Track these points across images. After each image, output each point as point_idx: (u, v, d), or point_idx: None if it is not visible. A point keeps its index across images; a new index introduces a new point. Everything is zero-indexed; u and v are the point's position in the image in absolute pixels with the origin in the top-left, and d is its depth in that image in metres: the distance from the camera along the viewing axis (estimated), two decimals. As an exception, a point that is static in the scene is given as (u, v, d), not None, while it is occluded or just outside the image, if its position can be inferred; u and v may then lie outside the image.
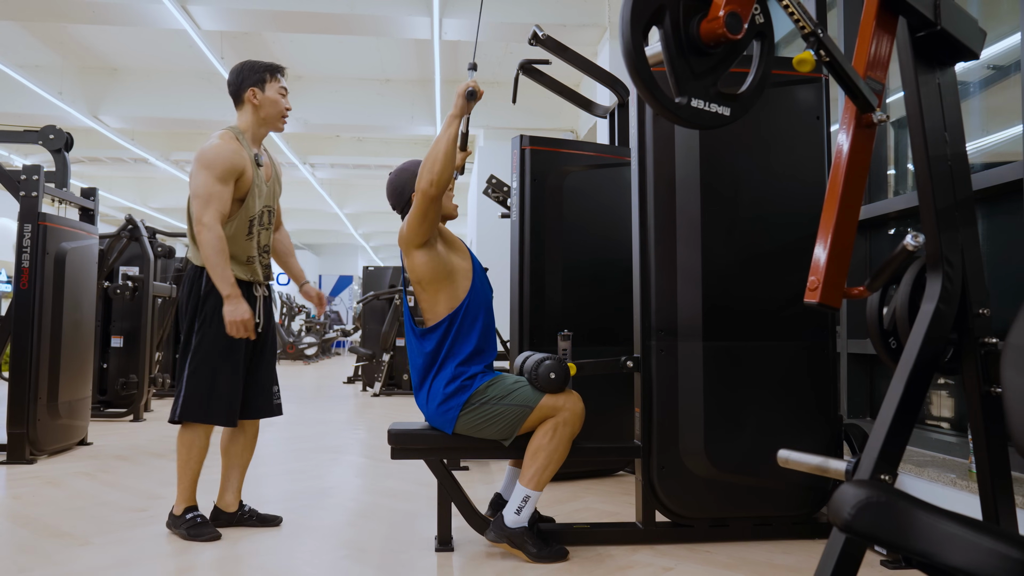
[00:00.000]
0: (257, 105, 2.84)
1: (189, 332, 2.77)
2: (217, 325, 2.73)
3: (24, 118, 9.56)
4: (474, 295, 2.64)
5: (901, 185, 3.46)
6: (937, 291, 1.58)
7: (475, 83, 2.54)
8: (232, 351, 2.77)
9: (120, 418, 6.14)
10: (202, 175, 2.68)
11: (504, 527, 2.52)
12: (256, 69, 2.85)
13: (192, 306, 2.77)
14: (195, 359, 2.74)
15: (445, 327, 2.60)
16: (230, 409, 2.79)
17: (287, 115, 2.92)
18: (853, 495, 1.01)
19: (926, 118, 1.64)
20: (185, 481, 2.79)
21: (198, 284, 2.77)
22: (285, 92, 2.90)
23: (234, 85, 2.86)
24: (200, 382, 2.73)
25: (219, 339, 2.74)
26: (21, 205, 4.27)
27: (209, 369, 2.74)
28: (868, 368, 3.46)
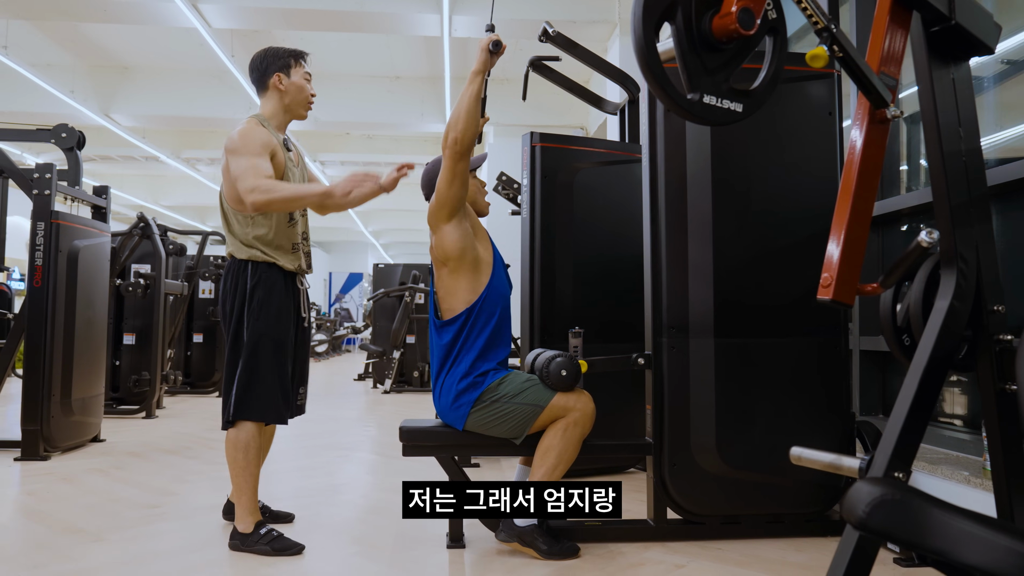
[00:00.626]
0: (283, 91, 2.76)
1: (237, 328, 2.64)
2: (266, 319, 2.63)
3: (36, 117, 9.62)
4: (492, 289, 2.63)
5: (914, 181, 3.44)
6: (951, 288, 1.57)
7: (498, 36, 2.51)
8: (281, 345, 2.66)
9: (132, 415, 6.18)
10: (236, 157, 2.56)
11: (514, 526, 2.52)
12: (280, 55, 2.77)
13: (239, 301, 2.65)
14: (245, 356, 2.61)
15: (463, 320, 2.60)
16: (284, 405, 2.68)
17: (312, 101, 2.84)
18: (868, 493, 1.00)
19: (940, 114, 1.63)
20: (247, 492, 2.61)
21: (243, 277, 2.65)
22: (309, 78, 2.82)
23: (258, 71, 2.77)
24: (253, 379, 2.61)
25: (269, 333, 2.63)
26: (34, 203, 4.29)
27: (260, 365, 2.61)
28: (881, 365, 3.44)
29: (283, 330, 2.67)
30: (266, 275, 2.65)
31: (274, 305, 2.65)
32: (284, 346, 2.69)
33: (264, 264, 2.66)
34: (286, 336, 2.69)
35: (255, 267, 2.65)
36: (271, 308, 2.64)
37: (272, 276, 2.67)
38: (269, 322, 2.63)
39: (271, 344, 2.64)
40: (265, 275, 2.65)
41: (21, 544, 2.68)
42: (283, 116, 2.79)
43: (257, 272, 2.64)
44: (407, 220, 20.65)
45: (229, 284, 2.67)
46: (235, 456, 2.62)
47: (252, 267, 2.65)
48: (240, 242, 2.66)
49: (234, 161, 2.57)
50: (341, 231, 22.92)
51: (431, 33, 7.69)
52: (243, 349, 2.62)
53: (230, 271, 2.68)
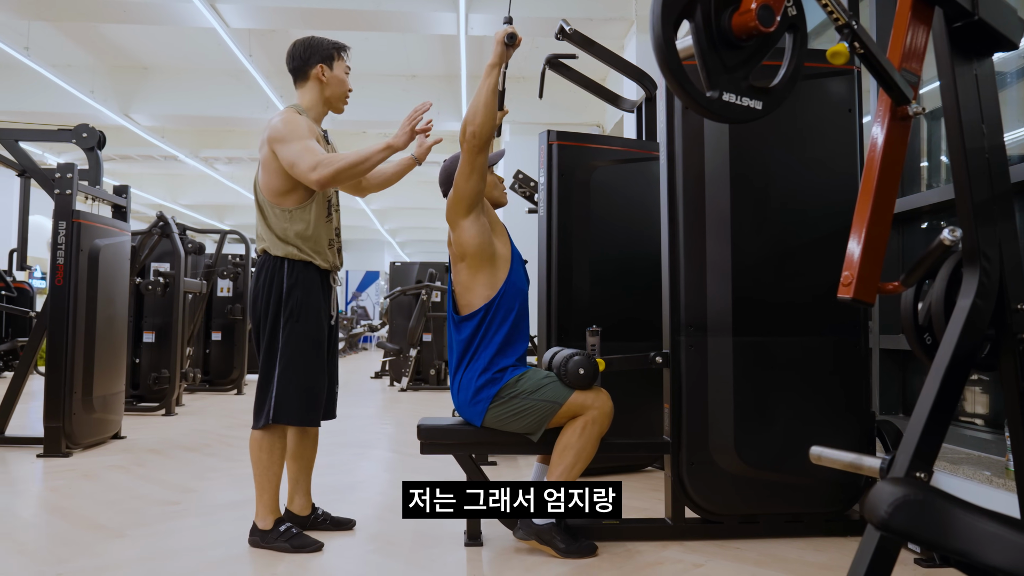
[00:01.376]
0: (324, 82, 2.70)
1: (274, 329, 2.59)
2: (305, 320, 2.59)
3: (57, 117, 9.72)
4: (510, 284, 2.63)
5: (935, 178, 3.41)
6: (974, 286, 1.55)
7: (513, 28, 2.50)
8: (319, 347, 2.64)
9: (152, 412, 6.23)
10: (285, 144, 2.52)
11: (532, 524, 2.52)
12: (324, 46, 2.71)
13: (275, 301, 2.59)
14: (284, 357, 2.57)
15: (481, 315, 2.60)
16: (320, 408, 2.67)
17: (349, 96, 2.79)
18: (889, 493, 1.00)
19: (963, 110, 1.61)
20: (269, 490, 2.59)
21: (279, 277, 2.59)
22: (348, 71, 2.78)
23: (299, 60, 2.70)
24: (291, 381, 2.56)
25: (308, 335, 2.59)
26: (56, 203, 4.34)
27: (300, 367, 2.58)
28: (901, 363, 3.41)
29: (321, 331, 2.65)
30: (303, 275, 2.61)
31: (313, 306, 2.62)
32: (322, 347, 2.67)
33: (301, 263, 2.61)
34: (323, 336, 2.68)
35: (292, 266, 2.60)
36: (310, 309, 2.60)
37: (309, 276, 2.62)
38: (310, 324, 2.60)
39: (312, 347, 2.61)
40: (303, 275, 2.61)
41: (44, 540, 2.71)
42: (321, 108, 2.74)
43: (295, 272, 2.59)
44: (423, 218, 20.70)
45: (264, 281, 2.61)
46: (259, 456, 2.60)
47: (289, 266, 2.60)
48: (277, 238, 2.60)
49: (284, 148, 2.52)
50: (358, 229, 23.00)
51: (447, 31, 7.70)
52: (281, 351, 2.58)
53: (264, 268, 2.63)
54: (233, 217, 20.49)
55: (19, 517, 3.03)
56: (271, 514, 2.60)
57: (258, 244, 2.69)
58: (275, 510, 2.62)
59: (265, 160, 2.60)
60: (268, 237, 2.62)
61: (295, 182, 2.59)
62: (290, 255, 2.60)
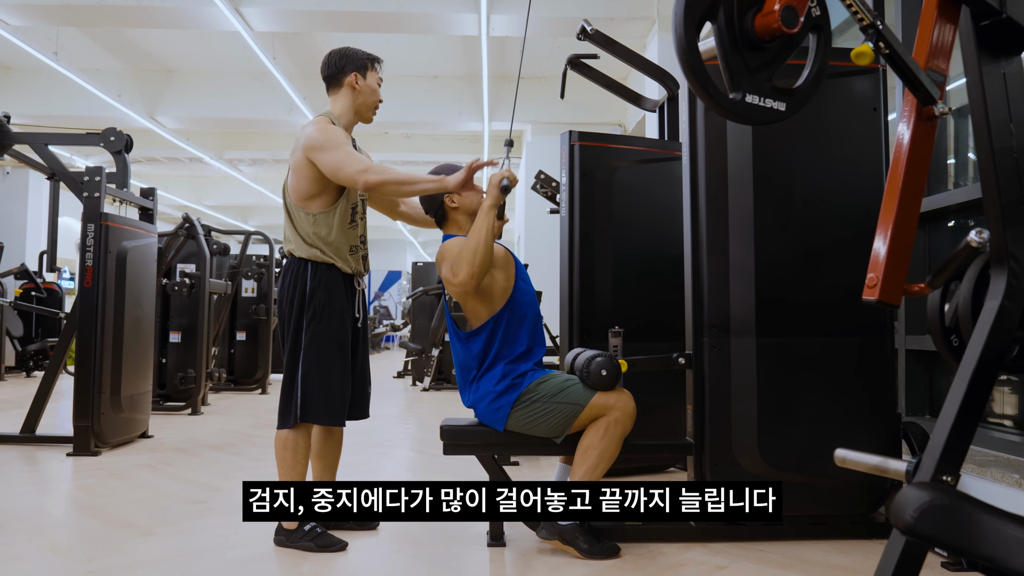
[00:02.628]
0: (356, 91, 2.75)
1: (297, 330, 2.64)
2: (328, 321, 2.63)
3: (85, 120, 9.88)
4: (514, 301, 2.65)
5: (961, 176, 3.36)
6: (1002, 288, 1.53)
7: (510, 172, 2.55)
8: (343, 347, 2.67)
9: (179, 411, 6.31)
10: (326, 152, 2.56)
11: (555, 524, 2.53)
12: (359, 56, 2.77)
13: (298, 302, 2.64)
14: (307, 358, 2.62)
15: (490, 328, 2.61)
16: (344, 407, 2.70)
17: (378, 107, 2.84)
18: (915, 498, 0.99)
19: (990, 110, 1.59)
20: None
21: (303, 279, 2.65)
22: (381, 83, 2.83)
23: (334, 67, 2.75)
24: (315, 381, 2.61)
25: (330, 335, 2.63)
26: (84, 206, 4.41)
27: (323, 367, 2.62)
28: (927, 365, 3.38)
29: (344, 332, 2.68)
30: (326, 277, 2.65)
31: (335, 308, 2.65)
32: (346, 348, 2.70)
33: (324, 265, 2.65)
34: (347, 338, 2.70)
35: (315, 268, 2.64)
36: (333, 310, 2.64)
37: (332, 278, 2.66)
38: (332, 325, 2.64)
39: (335, 347, 2.65)
40: (325, 277, 2.65)
41: (75, 537, 2.76)
42: (351, 116, 2.78)
43: (318, 274, 2.64)
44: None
45: (288, 283, 2.67)
46: (283, 455, 2.64)
47: (312, 267, 2.64)
48: (302, 240, 2.65)
49: (324, 155, 2.56)
50: (380, 229, 23.10)
51: (469, 32, 7.71)
52: (304, 352, 2.63)
53: (290, 269, 2.68)
54: (257, 218, 20.67)
55: (49, 515, 3.08)
56: None
57: (285, 246, 2.74)
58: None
59: (296, 165, 2.64)
60: (294, 239, 2.67)
61: (322, 187, 2.63)
62: (314, 257, 2.64)
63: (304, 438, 2.66)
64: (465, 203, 2.74)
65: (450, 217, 2.76)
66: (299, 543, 2.58)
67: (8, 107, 9.23)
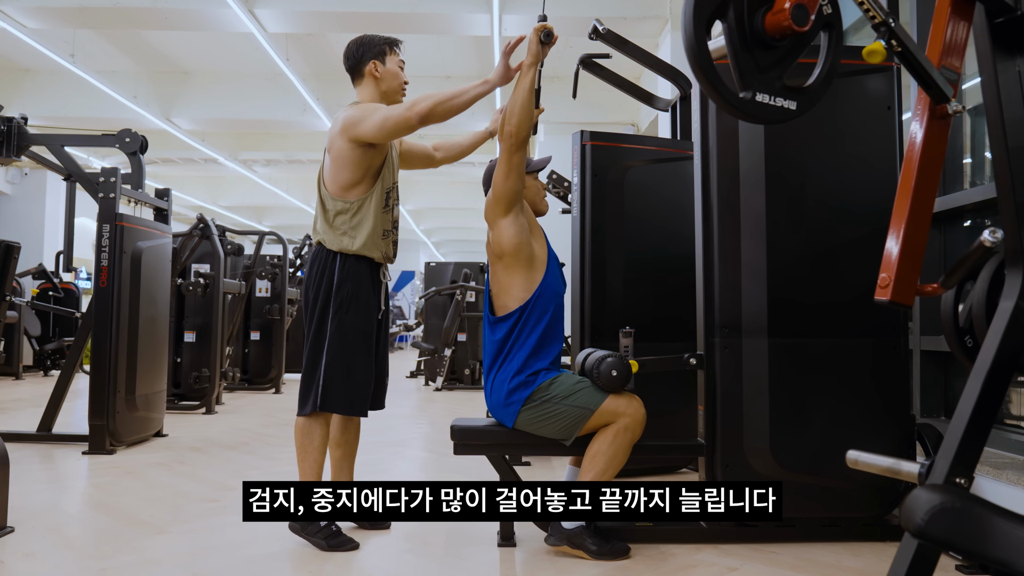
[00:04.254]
0: (379, 78, 2.77)
1: (322, 319, 2.68)
2: (354, 313, 2.67)
3: (101, 122, 9.96)
4: (546, 287, 2.64)
5: (978, 175, 3.33)
6: (1017, 288, 1.52)
7: (549, 25, 2.50)
8: (368, 338, 2.72)
9: (193, 411, 6.35)
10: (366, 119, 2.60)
11: (562, 529, 2.52)
12: (376, 42, 2.78)
13: (324, 292, 2.68)
14: (332, 347, 2.66)
15: (516, 316, 2.61)
16: (366, 398, 2.74)
17: (406, 88, 2.84)
18: (927, 500, 0.98)
19: (1005, 108, 1.58)
20: (310, 476, 2.68)
21: (331, 270, 2.69)
22: (403, 65, 2.84)
23: (353, 58, 2.78)
24: (339, 371, 2.65)
25: (357, 326, 2.68)
26: (100, 206, 4.45)
27: (347, 357, 2.66)
28: (942, 365, 3.34)
29: (370, 323, 2.73)
30: (355, 269, 2.69)
31: (362, 299, 2.70)
32: (371, 339, 2.74)
33: (353, 257, 2.69)
34: (372, 329, 2.74)
35: (344, 259, 2.69)
36: (359, 302, 2.69)
37: (360, 270, 2.70)
38: (359, 316, 2.68)
39: (361, 338, 2.69)
40: (354, 269, 2.69)
41: (90, 535, 2.78)
42: (383, 101, 2.80)
43: (347, 265, 2.68)
44: (458, 219, 20.78)
45: (315, 272, 2.70)
46: (303, 442, 2.69)
47: (342, 259, 2.69)
48: (333, 232, 2.69)
49: (366, 123, 2.60)
50: (393, 230, 23.17)
51: (481, 33, 7.72)
52: (329, 341, 2.66)
53: (317, 259, 2.72)
54: (271, 218, 20.77)
55: (65, 512, 3.11)
56: None
57: (314, 236, 2.78)
58: None
59: (336, 154, 2.67)
60: (324, 231, 2.71)
61: (363, 174, 2.69)
62: (344, 249, 2.68)
63: (322, 426, 2.70)
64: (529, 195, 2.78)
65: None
66: (312, 537, 2.60)
67: (25, 109, 9.32)
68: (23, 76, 9.97)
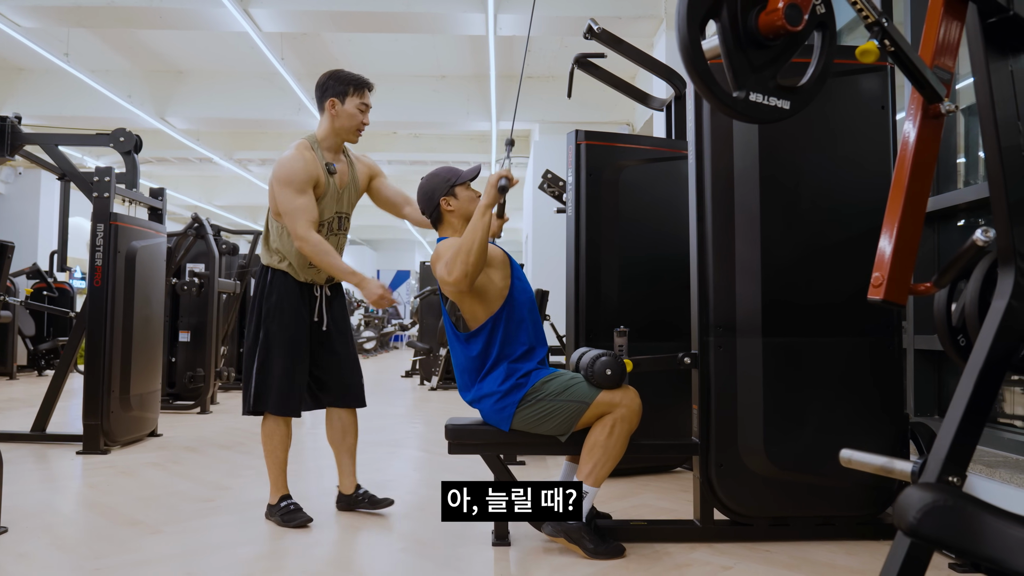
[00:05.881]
0: (334, 115, 2.91)
1: (256, 328, 2.91)
2: (278, 320, 2.88)
3: (96, 121, 9.92)
4: (512, 301, 2.65)
5: (972, 175, 3.34)
6: (1009, 287, 1.52)
7: (508, 172, 2.56)
8: (294, 344, 2.89)
9: (187, 410, 6.34)
10: (283, 193, 2.80)
11: (561, 522, 2.53)
12: (341, 81, 2.92)
13: (257, 302, 2.93)
14: (261, 354, 2.88)
15: (489, 329, 2.61)
16: (293, 401, 2.91)
17: (362, 129, 2.97)
18: (919, 499, 0.98)
19: (998, 107, 1.58)
20: (273, 471, 2.94)
21: (263, 281, 2.93)
22: (365, 109, 2.95)
23: (318, 90, 2.94)
24: (266, 375, 2.87)
25: (280, 333, 2.88)
26: (94, 206, 4.44)
27: (273, 362, 2.87)
28: (936, 364, 3.36)
29: (296, 332, 2.90)
30: (280, 282, 2.91)
31: (286, 309, 2.89)
32: (297, 346, 2.90)
33: (280, 272, 2.91)
34: (299, 337, 2.91)
35: (273, 273, 2.92)
36: (282, 311, 2.89)
37: (287, 283, 2.91)
38: (281, 323, 2.88)
39: (282, 346, 2.88)
40: (279, 282, 2.91)
41: (84, 535, 2.78)
42: (333, 139, 2.95)
43: (274, 279, 2.91)
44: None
45: (256, 287, 2.98)
46: (264, 441, 2.95)
47: (271, 273, 2.92)
48: (266, 248, 2.94)
49: (280, 194, 2.80)
50: (389, 229, 23.17)
51: (476, 32, 7.71)
52: (259, 347, 2.89)
53: (259, 275, 2.98)
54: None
55: (59, 512, 3.10)
56: (276, 491, 2.93)
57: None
58: (280, 487, 2.93)
59: (272, 186, 2.86)
60: (262, 246, 2.99)
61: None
62: (271, 264, 2.93)
63: (278, 427, 2.92)
64: (461, 207, 2.75)
65: (445, 219, 2.77)
66: (272, 517, 2.88)
67: (20, 108, 9.29)
68: (17, 75, 9.93)
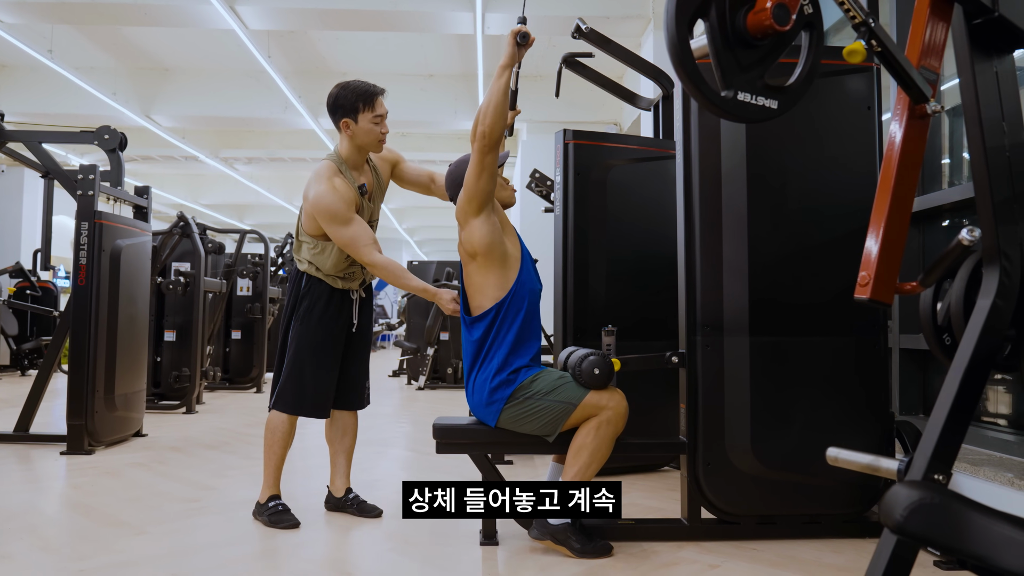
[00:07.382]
0: (351, 135, 2.89)
1: (287, 330, 2.96)
2: (308, 324, 2.90)
3: (80, 118, 9.83)
4: (521, 284, 2.63)
5: (956, 175, 3.37)
6: (994, 286, 1.53)
7: (526, 28, 2.52)
8: (323, 348, 2.92)
9: (173, 410, 6.30)
10: (331, 228, 2.82)
11: (547, 524, 2.53)
12: (350, 98, 2.85)
13: (290, 306, 2.97)
14: (290, 355, 2.92)
15: (492, 315, 2.60)
16: (318, 402, 2.94)
17: (383, 140, 2.94)
18: (905, 496, 0.99)
19: (983, 108, 1.59)
20: (269, 468, 2.93)
21: (297, 286, 2.96)
22: (380, 120, 2.89)
23: (330, 112, 2.91)
24: (293, 376, 2.90)
25: (310, 337, 2.90)
26: (78, 204, 4.40)
27: (301, 365, 2.90)
28: (921, 363, 3.38)
29: (325, 337, 2.92)
30: (316, 287, 2.93)
31: (316, 314, 2.91)
32: (324, 351, 2.92)
33: (316, 278, 2.94)
34: (328, 341, 2.93)
35: (308, 279, 2.94)
36: (313, 316, 2.91)
37: (320, 288, 2.93)
38: (310, 327, 2.91)
39: (310, 350, 2.90)
40: (315, 287, 2.93)
41: (67, 536, 2.75)
42: (358, 155, 2.96)
43: (309, 284, 2.94)
44: (441, 217, 20.73)
45: (289, 290, 3.00)
46: (266, 435, 2.95)
47: (306, 279, 2.95)
48: (299, 254, 2.97)
49: (331, 230, 2.82)
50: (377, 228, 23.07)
51: (464, 31, 7.70)
52: (288, 349, 2.93)
53: (292, 278, 3.01)
54: (253, 217, 20.63)
55: (42, 513, 3.07)
56: (268, 490, 2.92)
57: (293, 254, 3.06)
58: (272, 487, 2.92)
59: (307, 209, 2.88)
60: (296, 251, 3.00)
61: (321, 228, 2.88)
62: (307, 271, 2.95)
63: (282, 424, 2.92)
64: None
65: None
66: (260, 517, 2.88)
67: (3, 105, 9.18)
68: (0, 72, 9.83)
